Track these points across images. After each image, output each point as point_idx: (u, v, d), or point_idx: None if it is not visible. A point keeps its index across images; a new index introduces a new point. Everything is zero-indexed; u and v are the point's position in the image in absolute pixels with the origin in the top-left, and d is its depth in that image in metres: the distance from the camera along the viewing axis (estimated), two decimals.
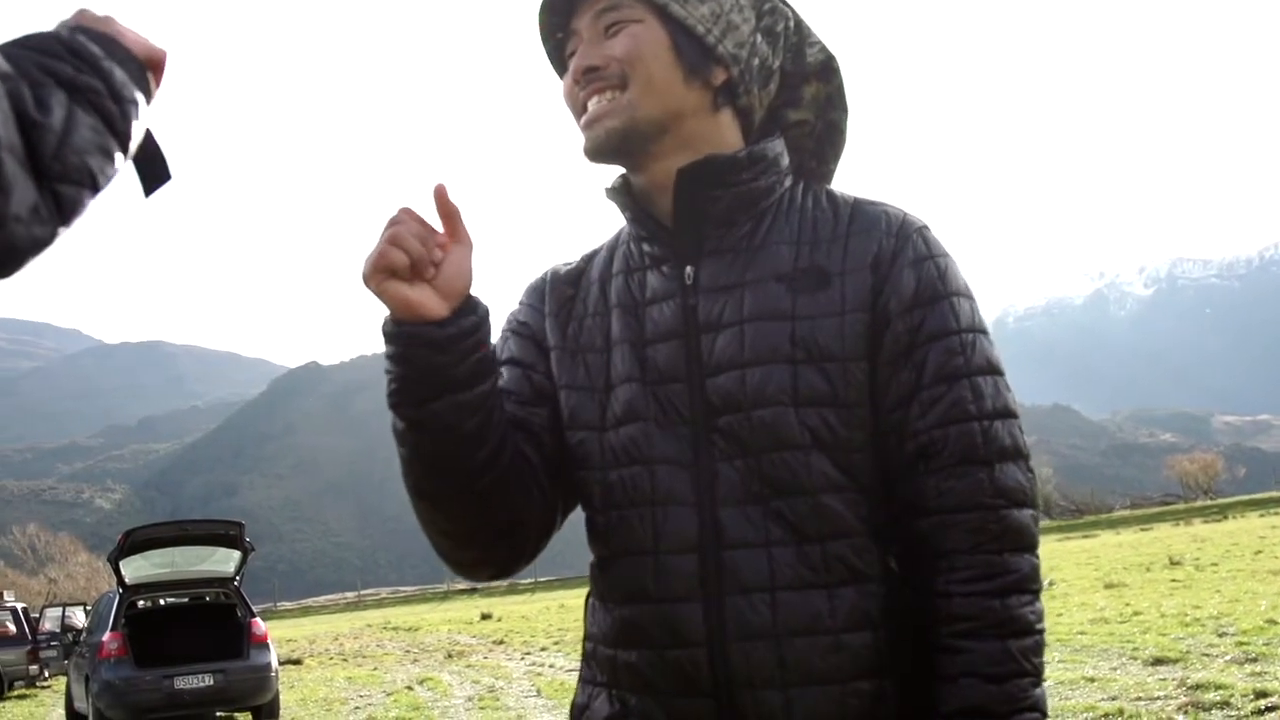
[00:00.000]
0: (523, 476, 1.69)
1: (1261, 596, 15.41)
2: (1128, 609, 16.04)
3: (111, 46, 1.21)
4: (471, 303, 1.57)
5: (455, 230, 1.55)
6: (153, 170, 1.31)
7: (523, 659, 20.14)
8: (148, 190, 1.31)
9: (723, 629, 1.59)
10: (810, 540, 1.60)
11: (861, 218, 1.70)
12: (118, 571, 15.09)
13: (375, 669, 21.60)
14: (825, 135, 1.87)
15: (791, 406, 1.60)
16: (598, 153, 1.72)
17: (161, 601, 16.59)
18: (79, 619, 29.04)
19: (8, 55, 1.13)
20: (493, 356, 1.61)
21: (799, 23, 1.81)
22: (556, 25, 1.78)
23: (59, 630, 29.21)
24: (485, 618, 35.14)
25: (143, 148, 1.27)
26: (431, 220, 1.55)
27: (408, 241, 1.50)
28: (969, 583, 1.56)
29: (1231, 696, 8.75)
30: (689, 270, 1.71)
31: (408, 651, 25.56)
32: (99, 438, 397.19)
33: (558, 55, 1.81)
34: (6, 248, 1.08)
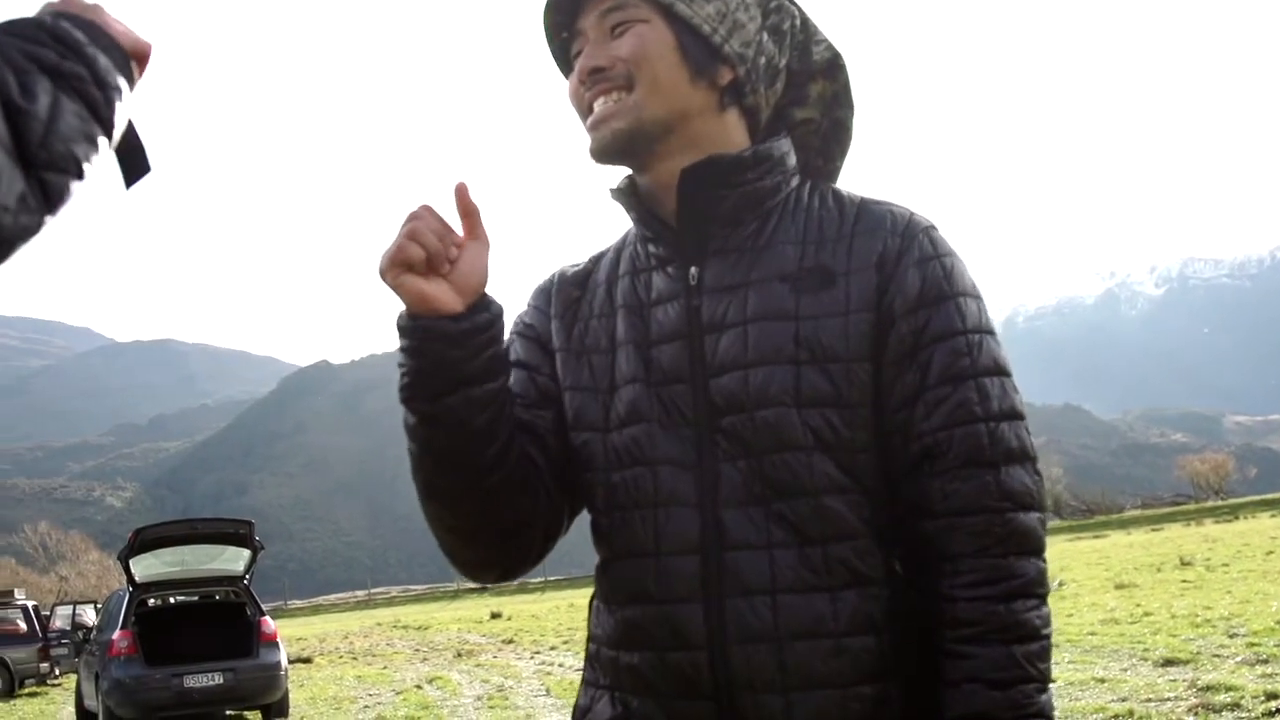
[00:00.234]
0: (529, 478, 1.69)
1: (1273, 597, 15.39)
2: (1138, 610, 16.01)
3: (95, 33, 1.20)
4: (486, 300, 1.58)
5: (473, 229, 1.58)
6: (134, 162, 1.30)
7: (532, 658, 20.13)
8: (128, 182, 1.30)
9: (723, 631, 1.58)
10: (812, 542, 1.58)
11: (867, 217, 1.69)
12: (128, 570, 15.11)
13: (385, 668, 21.62)
14: (831, 133, 1.86)
15: (794, 407, 1.59)
16: (604, 154, 1.72)
17: (171, 600, 16.65)
18: (89, 617, 29.03)
19: None
20: (505, 355, 1.63)
21: (805, 20, 1.80)
22: (561, 25, 1.77)
23: (69, 628, 29.28)
24: (495, 617, 35.13)
25: (124, 139, 1.26)
26: (450, 218, 1.57)
27: (425, 236, 1.52)
28: (974, 587, 1.55)
29: (1242, 698, 8.73)
30: (693, 271, 1.70)
31: (417, 650, 25.57)
32: (110, 436, 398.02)
33: (563, 55, 1.80)
34: None
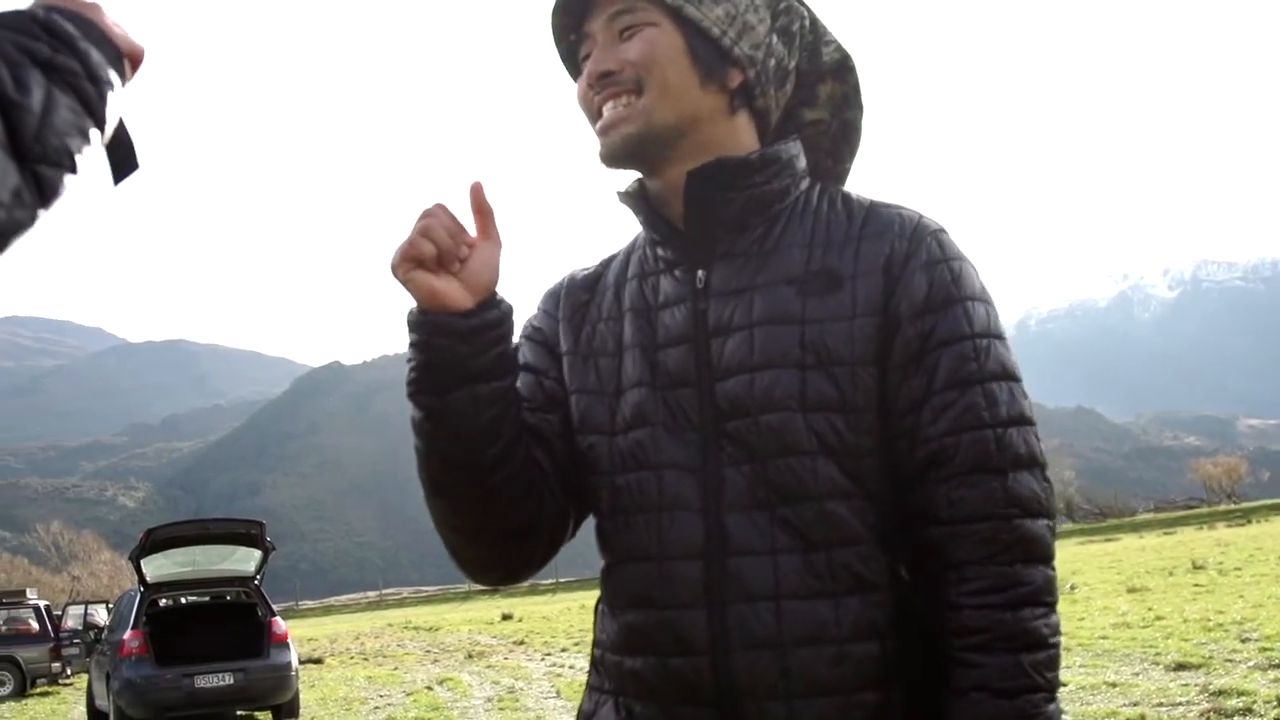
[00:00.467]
0: (535, 480, 1.69)
1: None
2: (1150, 613, 15.96)
3: (87, 28, 1.20)
4: (496, 298, 1.59)
5: (486, 228, 1.59)
6: (123, 158, 1.29)
7: (543, 660, 20.13)
8: (116, 179, 1.29)
9: (726, 637, 1.57)
10: (816, 548, 1.57)
11: (875, 220, 1.68)
12: (139, 570, 15.16)
13: (395, 669, 21.64)
14: (841, 134, 1.85)
15: (799, 411, 1.58)
16: (614, 159, 1.71)
17: (182, 600, 16.71)
18: (101, 617, 29.14)
19: None
20: (513, 354, 1.63)
21: (814, 21, 1.79)
22: (570, 27, 1.77)
23: (81, 628, 29.34)
24: (506, 618, 35.15)
25: (115, 135, 1.25)
26: (464, 217, 1.59)
27: (437, 233, 1.54)
28: (980, 594, 1.53)
29: (1254, 703, 8.69)
30: (700, 274, 1.70)
31: (428, 651, 25.60)
32: (122, 436, 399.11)
33: (571, 57, 1.80)
34: None
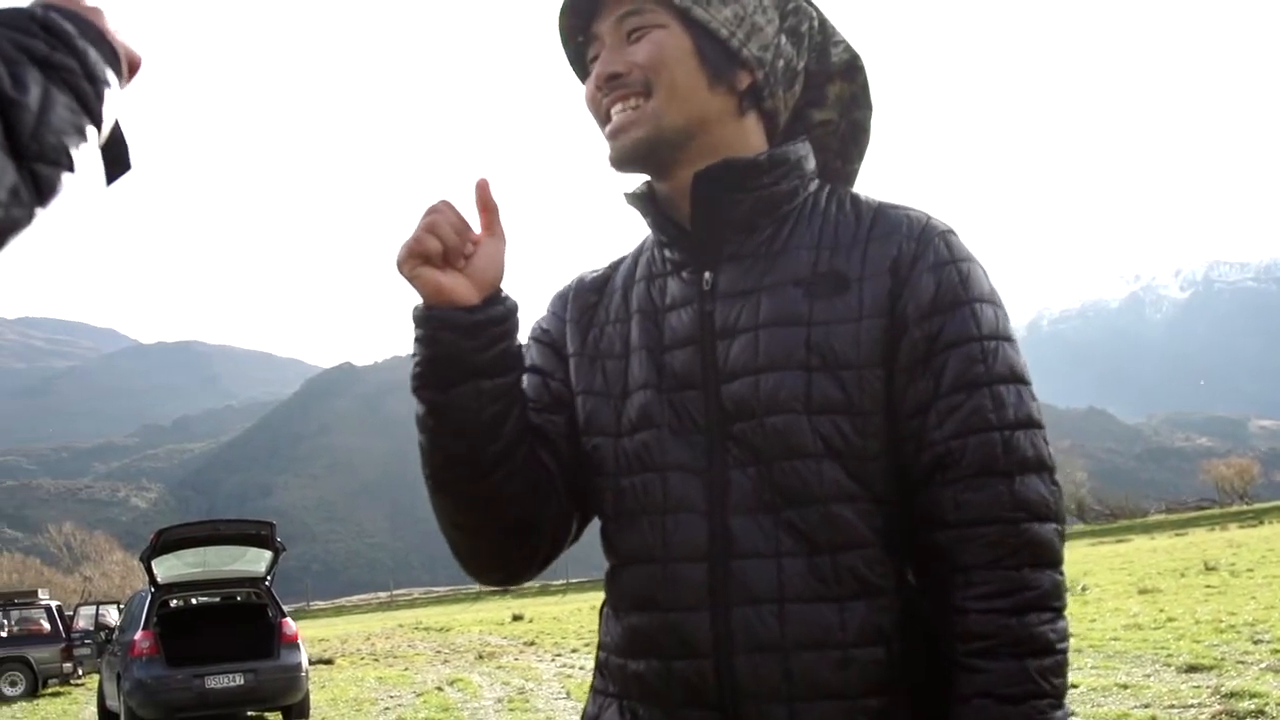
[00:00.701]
0: (539, 480, 1.70)
1: None
2: (1161, 615, 15.93)
3: (84, 26, 1.19)
4: (501, 294, 1.61)
5: (491, 225, 1.61)
6: (116, 158, 1.29)
7: (553, 660, 20.15)
8: (109, 179, 1.29)
9: (729, 640, 1.56)
10: (821, 551, 1.56)
11: (883, 222, 1.67)
12: (150, 571, 15.20)
13: (406, 669, 21.66)
14: (850, 135, 1.84)
15: (804, 413, 1.57)
16: (624, 163, 1.71)
17: (193, 601, 16.73)
18: (113, 617, 29.23)
19: None
20: (518, 351, 1.64)
21: (823, 22, 1.78)
22: (577, 28, 1.76)
23: (93, 628, 29.43)
24: (516, 619, 35.22)
25: (110, 135, 1.25)
26: (469, 215, 1.60)
27: (443, 229, 1.55)
28: (986, 599, 1.52)
29: (1266, 705, 8.65)
30: (707, 276, 1.69)
31: (438, 652, 25.62)
32: (134, 437, 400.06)
33: (579, 59, 1.79)
34: None
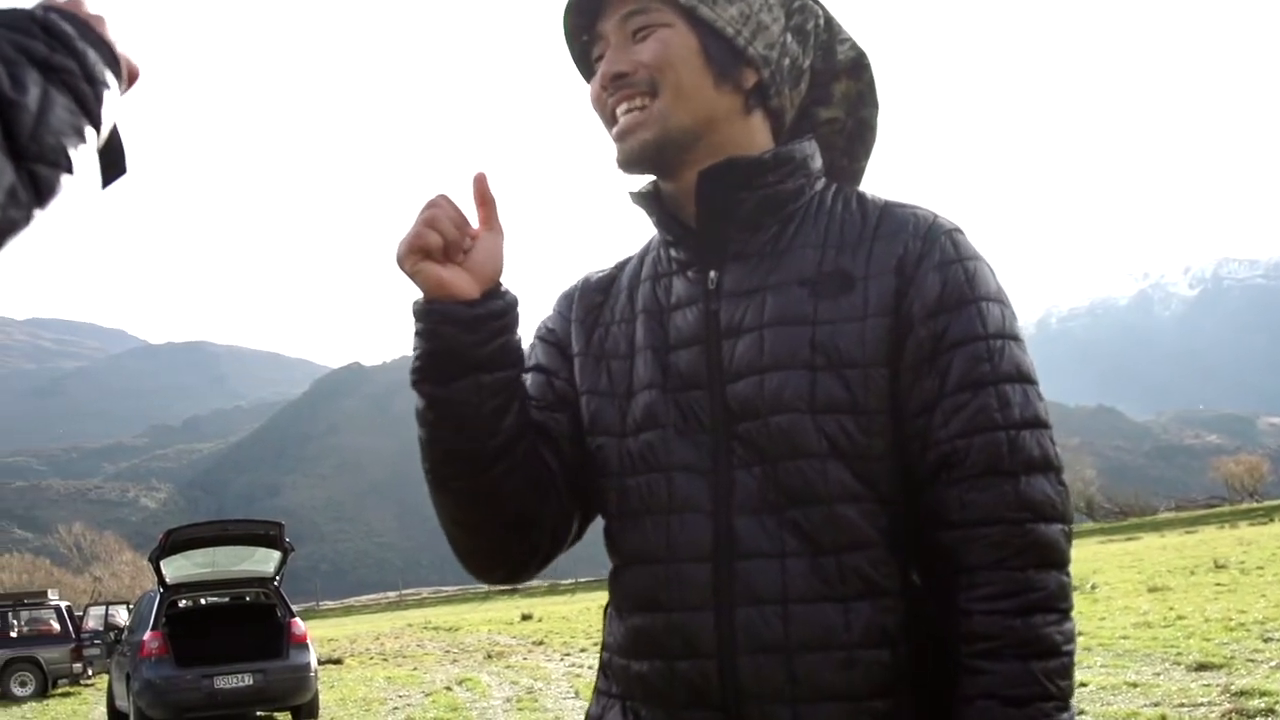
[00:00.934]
0: (540, 477, 1.69)
1: None
2: (1171, 613, 15.92)
3: (84, 29, 1.19)
4: (501, 288, 1.61)
5: (489, 218, 1.61)
6: (113, 161, 1.28)
7: (562, 660, 20.17)
8: (105, 182, 1.29)
9: (733, 640, 1.56)
10: (826, 551, 1.55)
11: (889, 221, 1.66)
12: (159, 571, 15.24)
13: (415, 669, 21.69)
14: (856, 133, 1.83)
15: (809, 413, 1.56)
16: (632, 164, 1.70)
17: (202, 601, 16.79)
18: (122, 617, 29.24)
19: None
20: (518, 347, 1.64)
21: (829, 19, 1.77)
22: (582, 27, 1.75)
23: (102, 629, 29.48)
24: (525, 618, 35.26)
25: (107, 138, 1.24)
26: (467, 208, 1.60)
27: (442, 224, 1.56)
28: (990, 600, 1.51)
29: (1276, 704, 8.65)
30: (712, 275, 1.68)
31: (447, 652, 25.65)
32: (144, 437, 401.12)
33: (584, 58, 1.79)
34: None
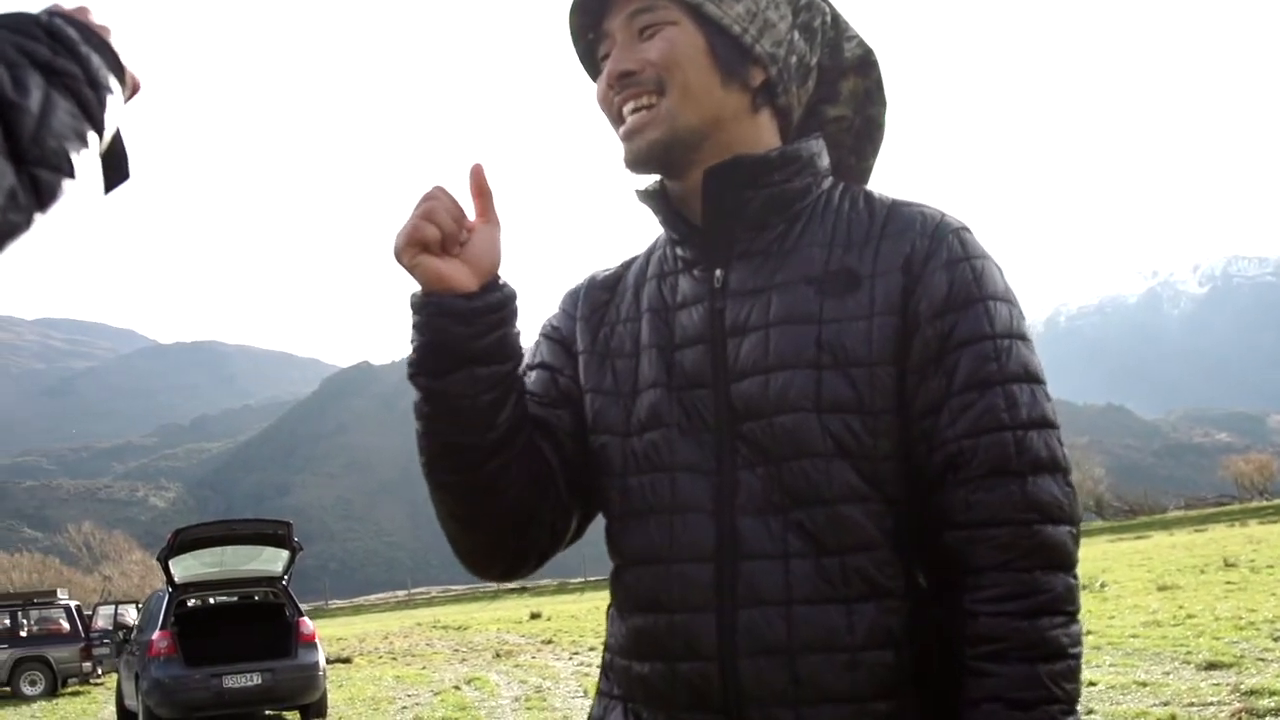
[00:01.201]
0: (539, 473, 1.69)
1: None
2: (1181, 612, 15.87)
3: (88, 34, 1.19)
4: (499, 281, 1.61)
5: (486, 210, 1.61)
6: (116, 166, 1.28)
7: (571, 659, 20.15)
8: (108, 188, 1.28)
9: (734, 642, 1.55)
10: (830, 552, 1.54)
11: (897, 219, 1.65)
12: (167, 570, 15.26)
13: (424, 668, 21.68)
14: (864, 131, 1.83)
15: (814, 412, 1.55)
16: (640, 165, 1.70)
17: (210, 600, 16.79)
18: (131, 617, 29.32)
19: None
20: (516, 340, 1.63)
21: (836, 17, 1.77)
22: (588, 26, 1.75)
23: (111, 628, 29.54)
24: (534, 617, 35.22)
25: (109, 144, 1.24)
26: (463, 199, 1.60)
27: (440, 216, 1.55)
28: (997, 602, 1.50)
29: None
30: (718, 273, 1.68)
31: (456, 650, 25.64)
32: (153, 437, 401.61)
33: (590, 57, 1.78)
34: None
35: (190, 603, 16.06)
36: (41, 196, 1.08)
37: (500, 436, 1.62)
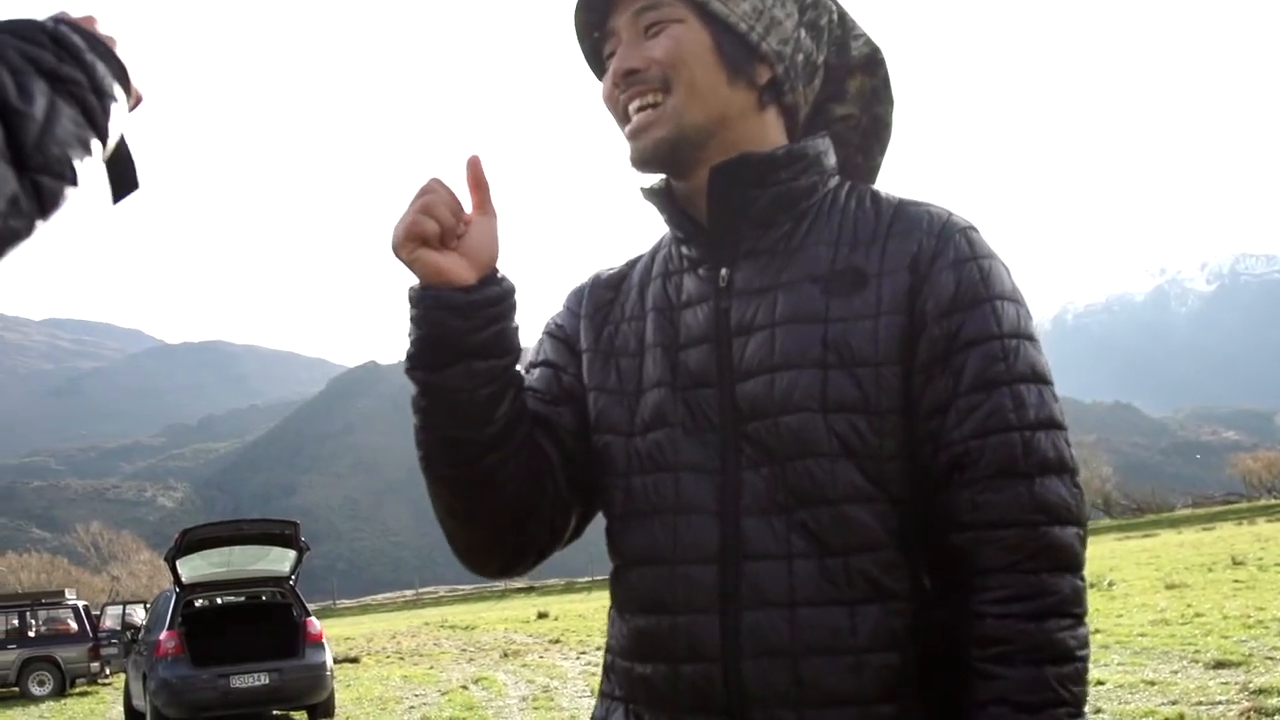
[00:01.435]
0: (538, 470, 1.68)
1: None
2: (1189, 610, 15.87)
3: (94, 42, 1.18)
4: (498, 275, 1.60)
5: (483, 203, 1.60)
6: (123, 175, 1.27)
7: (578, 658, 20.16)
8: (116, 197, 1.28)
9: (737, 643, 1.54)
10: (834, 553, 1.53)
11: (903, 218, 1.64)
12: (174, 571, 15.28)
13: (431, 668, 21.71)
14: (871, 129, 1.82)
15: (820, 412, 1.54)
16: (646, 163, 1.69)
17: (218, 600, 16.83)
18: (139, 617, 29.35)
19: None
20: (514, 334, 1.62)
21: (843, 15, 1.76)
22: (593, 24, 1.74)
23: (119, 628, 29.61)
24: (542, 616, 35.27)
25: (116, 152, 1.24)
26: (460, 192, 1.59)
27: (438, 209, 1.54)
28: (1003, 604, 1.49)
29: None
30: (724, 273, 1.67)
31: (464, 650, 25.67)
32: (160, 437, 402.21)
33: (595, 55, 1.77)
34: None
35: (198, 603, 16.10)
36: (44, 203, 1.08)
37: (498, 431, 1.61)
